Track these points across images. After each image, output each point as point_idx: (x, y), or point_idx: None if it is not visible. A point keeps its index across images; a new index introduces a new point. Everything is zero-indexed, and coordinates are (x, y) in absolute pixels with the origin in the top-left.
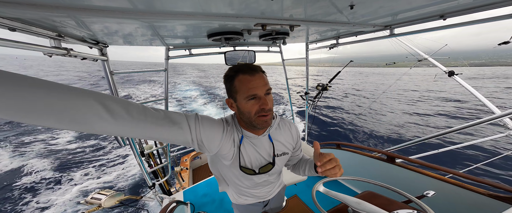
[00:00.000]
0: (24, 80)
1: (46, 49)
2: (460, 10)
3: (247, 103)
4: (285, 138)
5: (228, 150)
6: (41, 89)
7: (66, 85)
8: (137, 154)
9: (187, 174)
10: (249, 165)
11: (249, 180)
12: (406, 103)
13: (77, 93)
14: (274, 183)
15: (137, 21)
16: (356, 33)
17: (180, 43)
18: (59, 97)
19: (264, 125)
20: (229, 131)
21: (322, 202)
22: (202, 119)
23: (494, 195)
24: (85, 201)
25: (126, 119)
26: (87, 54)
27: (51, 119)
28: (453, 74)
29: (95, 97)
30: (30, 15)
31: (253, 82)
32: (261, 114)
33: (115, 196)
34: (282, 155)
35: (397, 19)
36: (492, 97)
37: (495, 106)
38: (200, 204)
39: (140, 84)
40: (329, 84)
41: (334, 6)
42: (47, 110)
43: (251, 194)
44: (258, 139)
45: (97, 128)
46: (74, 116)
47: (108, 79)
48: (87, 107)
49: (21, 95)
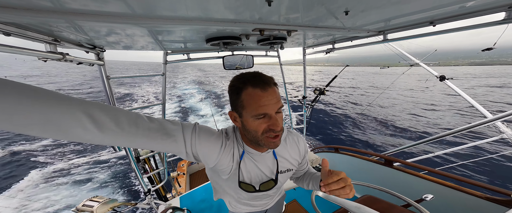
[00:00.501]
0: (10, 86)
1: (41, 54)
2: (448, 17)
3: (255, 122)
4: (291, 154)
5: (226, 165)
6: (26, 97)
7: (54, 92)
8: (132, 160)
9: (184, 179)
10: (248, 181)
11: (248, 194)
12: (401, 105)
13: (63, 103)
14: (274, 195)
15: (135, 26)
16: (351, 38)
17: (178, 48)
18: (43, 108)
19: (272, 146)
20: (229, 145)
21: (322, 207)
22: (200, 131)
23: (491, 198)
24: (76, 209)
25: (115, 131)
26: (83, 59)
27: (35, 128)
28: (444, 79)
29: (82, 107)
30: (27, 19)
31: (264, 99)
32: (269, 134)
33: (108, 203)
34: (286, 172)
35: (389, 25)
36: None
37: (487, 110)
38: (197, 210)
39: (143, 83)
40: (326, 88)
41: (330, 12)
42: (30, 121)
43: (249, 204)
44: (261, 155)
45: (84, 138)
46: (59, 126)
47: (104, 84)
48: (71, 118)
49: (4, 102)
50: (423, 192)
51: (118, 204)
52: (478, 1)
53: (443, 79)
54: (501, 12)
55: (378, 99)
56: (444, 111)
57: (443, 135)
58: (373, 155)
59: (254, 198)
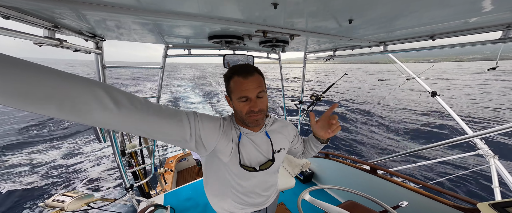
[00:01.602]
0: (24, 64)
1: (37, 39)
2: (448, 32)
3: (240, 104)
4: (282, 133)
5: (225, 145)
6: (44, 74)
7: (68, 72)
8: (117, 153)
9: (171, 176)
10: (248, 163)
11: (248, 181)
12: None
13: (81, 80)
14: (273, 186)
15: (139, 18)
16: (352, 46)
17: (180, 43)
18: (63, 83)
19: (255, 124)
20: (227, 126)
21: (308, 211)
22: (201, 115)
23: (459, 207)
24: (45, 204)
25: (129, 108)
26: (80, 46)
27: (52, 105)
28: (435, 95)
29: (100, 85)
30: (32, 5)
31: (245, 85)
32: (251, 114)
33: (83, 198)
34: (280, 151)
35: (391, 36)
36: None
37: (468, 127)
38: (182, 208)
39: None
40: (323, 95)
41: (334, 19)
42: (49, 95)
43: (250, 202)
44: (256, 135)
45: (98, 118)
46: (76, 103)
47: (99, 73)
48: (92, 94)
49: (21, 78)
50: (401, 199)
51: (94, 200)
52: (480, 18)
53: (434, 95)
54: (498, 30)
55: (373, 109)
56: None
57: (426, 147)
58: (360, 162)
59: (254, 187)
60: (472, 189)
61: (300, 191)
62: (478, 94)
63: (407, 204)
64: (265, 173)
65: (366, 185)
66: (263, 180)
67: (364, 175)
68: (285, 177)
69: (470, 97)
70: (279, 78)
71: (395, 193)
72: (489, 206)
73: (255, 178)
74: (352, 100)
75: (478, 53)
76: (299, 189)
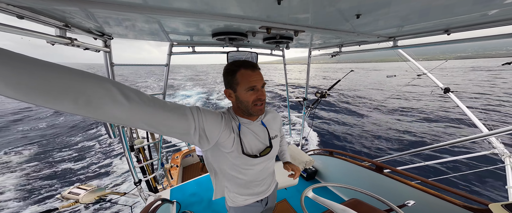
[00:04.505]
0: (42, 63)
1: (50, 38)
2: (465, 25)
3: (247, 93)
4: (274, 123)
5: (227, 137)
6: (60, 72)
7: (81, 70)
8: (126, 148)
9: (177, 171)
10: (250, 151)
11: (250, 170)
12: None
13: (94, 77)
14: (272, 174)
15: (145, 16)
16: (359, 42)
17: (184, 40)
18: (76, 78)
19: (259, 113)
20: (227, 119)
21: (310, 208)
22: (203, 109)
23: (469, 207)
24: (61, 196)
25: (139, 102)
26: (90, 44)
27: (67, 99)
28: (448, 91)
29: (111, 82)
30: (44, 5)
31: (253, 76)
32: (257, 102)
33: (96, 191)
34: (276, 137)
35: (402, 31)
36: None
37: (484, 125)
38: (187, 203)
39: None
40: (328, 92)
41: (340, 15)
42: (65, 90)
43: (252, 192)
44: (254, 124)
45: (109, 112)
46: (91, 98)
47: (108, 70)
48: (104, 89)
49: (41, 76)
50: (407, 198)
51: (106, 193)
52: (501, 10)
53: (447, 91)
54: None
55: (380, 106)
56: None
57: (436, 146)
58: (365, 160)
59: (256, 176)
60: (483, 190)
61: (303, 188)
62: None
63: (414, 203)
64: (265, 159)
65: (371, 183)
66: (264, 167)
67: (369, 173)
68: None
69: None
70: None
71: (401, 192)
72: (502, 207)
73: (256, 166)
74: (358, 96)
75: (462, 52)
76: (302, 186)
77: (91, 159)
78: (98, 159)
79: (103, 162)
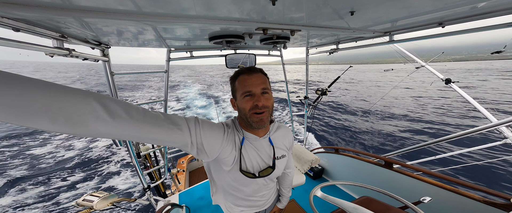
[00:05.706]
0: (16, 78)
1: (48, 50)
2: (458, 18)
3: (243, 99)
4: (283, 142)
5: (228, 153)
6: (35, 88)
7: (63, 85)
8: (133, 155)
9: (183, 176)
10: (250, 169)
11: (248, 186)
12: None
13: (75, 92)
14: (273, 190)
15: (140, 24)
16: (355, 38)
17: (181, 45)
18: (55, 95)
19: (259, 124)
20: (230, 133)
21: (320, 207)
22: (202, 122)
23: (490, 202)
24: (76, 203)
25: (125, 119)
26: (88, 55)
27: (45, 118)
28: (450, 82)
29: (94, 96)
30: (36, 16)
31: (249, 80)
32: (255, 110)
33: (108, 198)
34: (282, 158)
35: (396, 25)
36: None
37: (492, 114)
38: (195, 207)
39: (144, 88)
40: (328, 89)
41: (335, 12)
42: (41, 108)
43: (249, 204)
44: (259, 141)
45: (93, 129)
46: (70, 115)
47: (109, 80)
48: (85, 105)
49: (14, 93)
50: (422, 194)
51: (118, 200)
52: (490, 2)
53: (448, 82)
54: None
55: (381, 100)
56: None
57: (445, 138)
58: (373, 156)
59: (255, 192)
60: (503, 183)
61: (311, 187)
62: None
63: (430, 199)
64: (265, 179)
65: (380, 180)
66: (263, 185)
67: (378, 169)
68: (295, 174)
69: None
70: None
71: (414, 188)
72: None
73: (254, 184)
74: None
75: (457, 54)
76: (309, 185)
77: (98, 167)
78: (107, 167)
79: (111, 169)
